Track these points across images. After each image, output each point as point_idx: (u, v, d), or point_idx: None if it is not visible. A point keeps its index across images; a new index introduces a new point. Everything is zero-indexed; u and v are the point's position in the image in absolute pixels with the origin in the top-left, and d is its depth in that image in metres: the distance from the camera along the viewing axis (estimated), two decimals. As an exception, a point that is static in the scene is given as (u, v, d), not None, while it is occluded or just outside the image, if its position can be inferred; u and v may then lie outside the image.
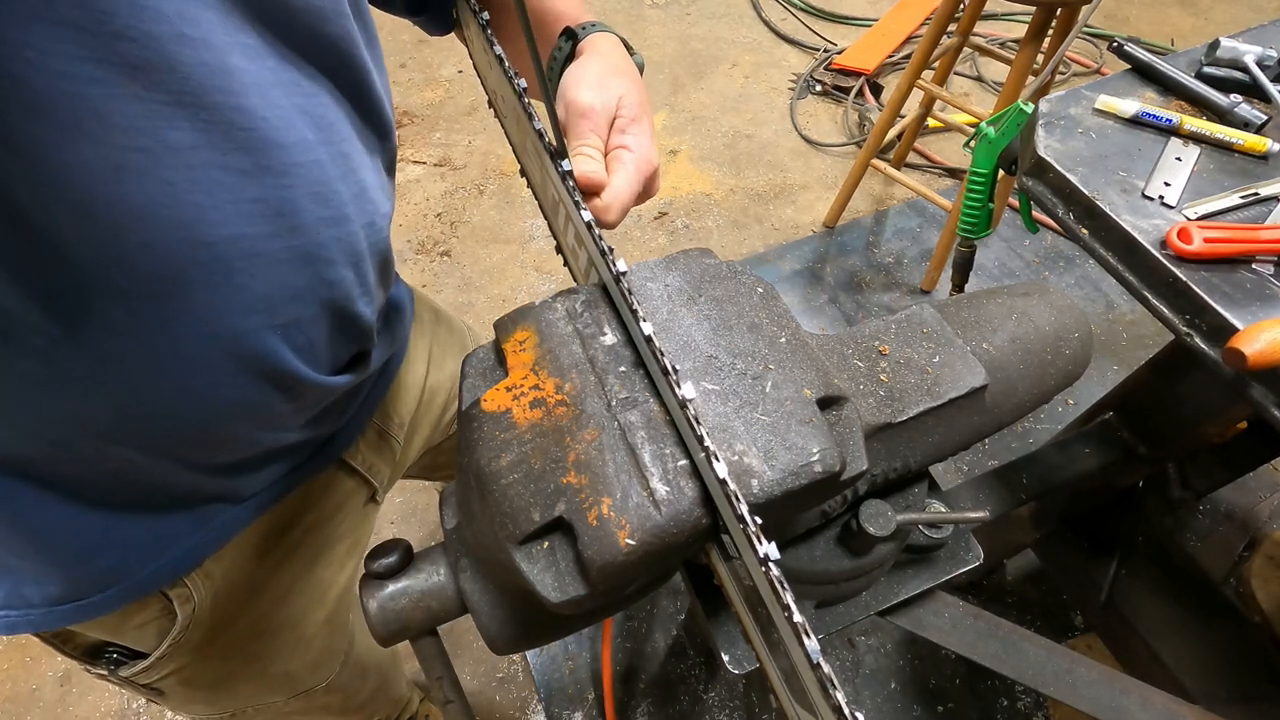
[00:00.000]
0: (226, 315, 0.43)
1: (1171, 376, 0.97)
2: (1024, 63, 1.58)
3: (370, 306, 0.55)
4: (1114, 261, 0.73)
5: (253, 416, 0.50)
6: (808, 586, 0.58)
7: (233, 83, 0.38)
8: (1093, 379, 1.74)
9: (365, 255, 0.52)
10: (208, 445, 0.50)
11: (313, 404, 0.56)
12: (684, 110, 2.51)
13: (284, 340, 0.47)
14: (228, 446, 0.52)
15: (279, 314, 0.46)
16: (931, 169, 2.31)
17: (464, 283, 2.05)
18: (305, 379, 0.51)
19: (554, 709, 1.38)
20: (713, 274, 0.49)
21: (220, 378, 0.45)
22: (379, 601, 0.48)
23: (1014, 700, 1.37)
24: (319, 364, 0.53)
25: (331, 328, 0.52)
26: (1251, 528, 1.43)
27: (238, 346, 0.45)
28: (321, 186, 0.45)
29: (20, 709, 1.39)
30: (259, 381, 0.48)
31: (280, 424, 0.54)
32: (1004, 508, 0.98)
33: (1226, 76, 0.84)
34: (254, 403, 0.49)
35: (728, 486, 0.34)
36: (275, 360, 0.47)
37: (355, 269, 0.51)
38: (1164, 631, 1.09)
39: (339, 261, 0.49)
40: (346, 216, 0.48)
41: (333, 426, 0.64)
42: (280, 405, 0.51)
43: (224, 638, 0.62)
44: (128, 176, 0.36)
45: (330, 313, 0.50)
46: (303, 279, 0.46)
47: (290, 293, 0.46)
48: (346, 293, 0.51)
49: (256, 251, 0.42)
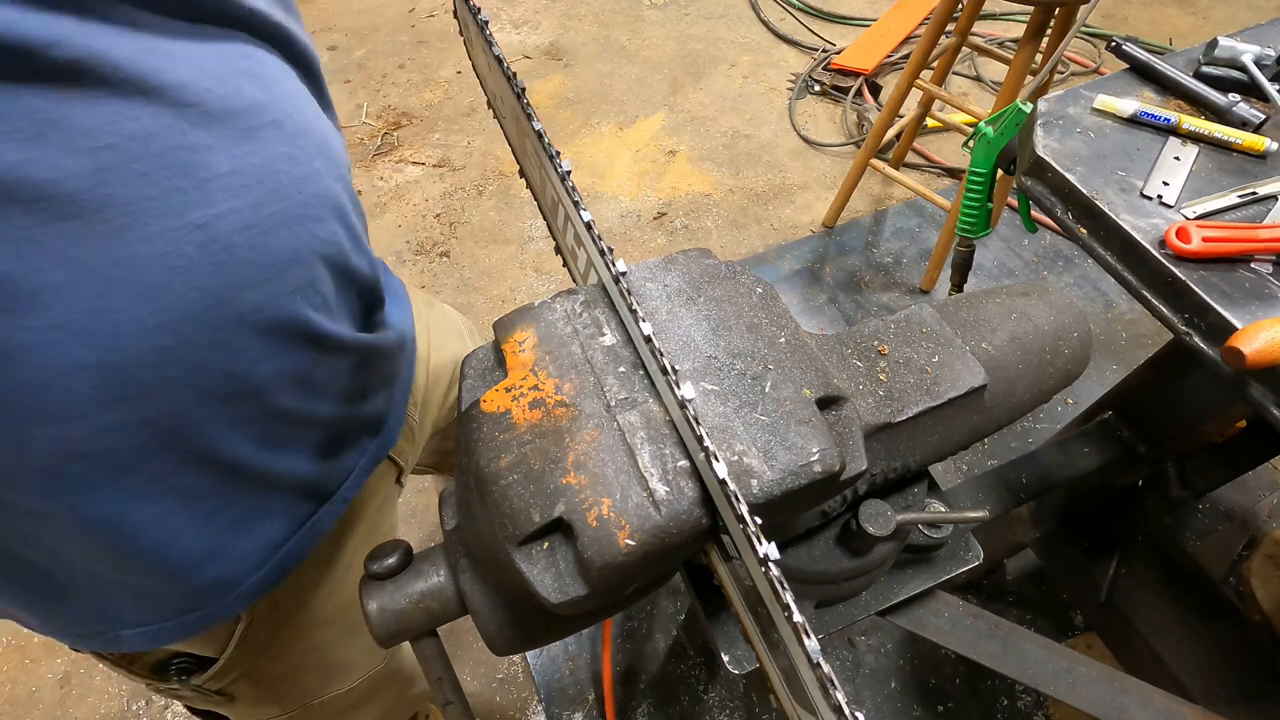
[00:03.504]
0: (243, 291, 0.43)
1: (1171, 376, 0.97)
2: (1022, 62, 1.58)
3: (364, 259, 0.56)
4: (1113, 261, 0.73)
5: (300, 383, 0.51)
6: (808, 586, 0.58)
7: (165, 60, 0.38)
8: (1092, 378, 1.74)
9: (345, 206, 0.52)
10: (273, 421, 0.51)
11: (350, 364, 0.56)
12: (683, 110, 2.51)
13: (303, 301, 0.48)
14: (289, 420, 0.52)
15: (288, 279, 0.46)
16: (930, 169, 2.31)
17: (463, 283, 2.05)
18: (334, 335, 0.52)
19: (554, 710, 1.38)
20: (712, 274, 0.49)
21: (258, 349, 0.46)
22: (379, 602, 0.48)
23: (1014, 700, 1.37)
24: (340, 319, 0.54)
25: (337, 284, 0.52)
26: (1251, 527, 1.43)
27: (262, 319, 0.45)
28: (287, 145, 0.46)
29: (20, 710, 1.39)
30: (295, 347, 0.48)
31: (329, 389, 0.55)
32: (1004, 507, 0.98)
33: (1225, 76, 0.84)
34: (295, 366, 0.49)
35: (727, 487, 0.34)
36: (302, 323, 0.48)
37: (341, 221, 0.51)
38: (1164, 631, 1.09)
39: (325, 217, 0.49)
40: (318, 171, 0.48)
41: (383, 407, 0.65)
42: (322, 367, 0.52)
43: (286, 632, 0.63)
44: (107, 177, 0.36)
45: (331, 269, 0.51)
46: (299, 240, 0.47)
47: (291, 255, 0.46)
48: (339, 247, 0.51)
49: (249, 223, 0.43)
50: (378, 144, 2.39)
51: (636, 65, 2.67)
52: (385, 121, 2.47)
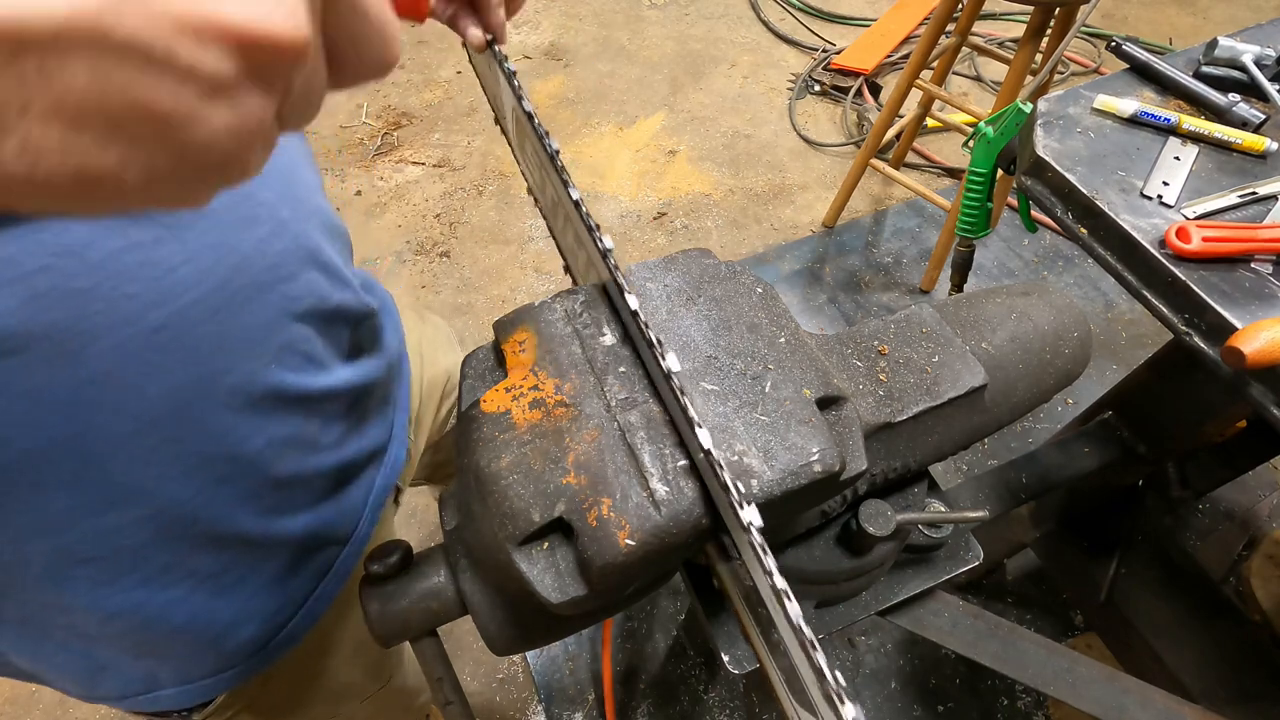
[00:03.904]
0: (218, 377, 0.42)
1: (1171, 376, 0.97)
2: (1022, 62, 1.58)
3: (348, 291, 0.54)
4: (1113, 261, 0.73)
5: (295, 444, 0.50)
6: (808, 586, 0.58)
7: None
8: (1092, 378, 1.74)
9: (319, 246, 0.50)
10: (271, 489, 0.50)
11: (342, 407, 0.55)
12: (683, 110, 2.51)
13: (283, 367, 0.47)
14: (291, 484, 0.52)
15: (264, 350, 0.45)
16: (930, 169, 2.31)
17: (463, 283, 2.05)
18: (321, 388, 0.51)
19: (554, 710, 1.38)
20: (712, 274, 0.49)
21: (250, 425, 0.45)
22: (379, 602, 0.48)
23: (1014, 700, 1.36)
24: (327, 366, 0.52)
25: (320, 330, 0.51)
26: (1251, 527, 1.43)
27: (243, 397, 0.44)
28: (245, 206, 0.43)
29: (20, 710, 1.39)
30: (283, 412, 0.47)
31: (325, 439, 0.54)
32: (1004, 507, 0.98)
33: (1225, 76, 0.84)
34: (289, 433, 0.49)
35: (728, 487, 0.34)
36: (285, 389, 0.47)
37: (316, 264, 0.49)
38: (1164, 631, 1.09)
39: (297, 271, 0.47)
40: (283, 223, 0.46)
41: (383, 434, 0.64)
42: (314, 421, 0.51)
43: (287, 662, 0.62)
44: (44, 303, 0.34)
45: (312, 319, 0.49)
46: (269, 309, 0.45)
47: (264, 326, 0.44)
48: (318, 293, 0.49)
49: (213, 309, 0.41)
50: (378, 144, 2.39)
51: (636, 65, 2.67)
52: (385, 121, 2.47)
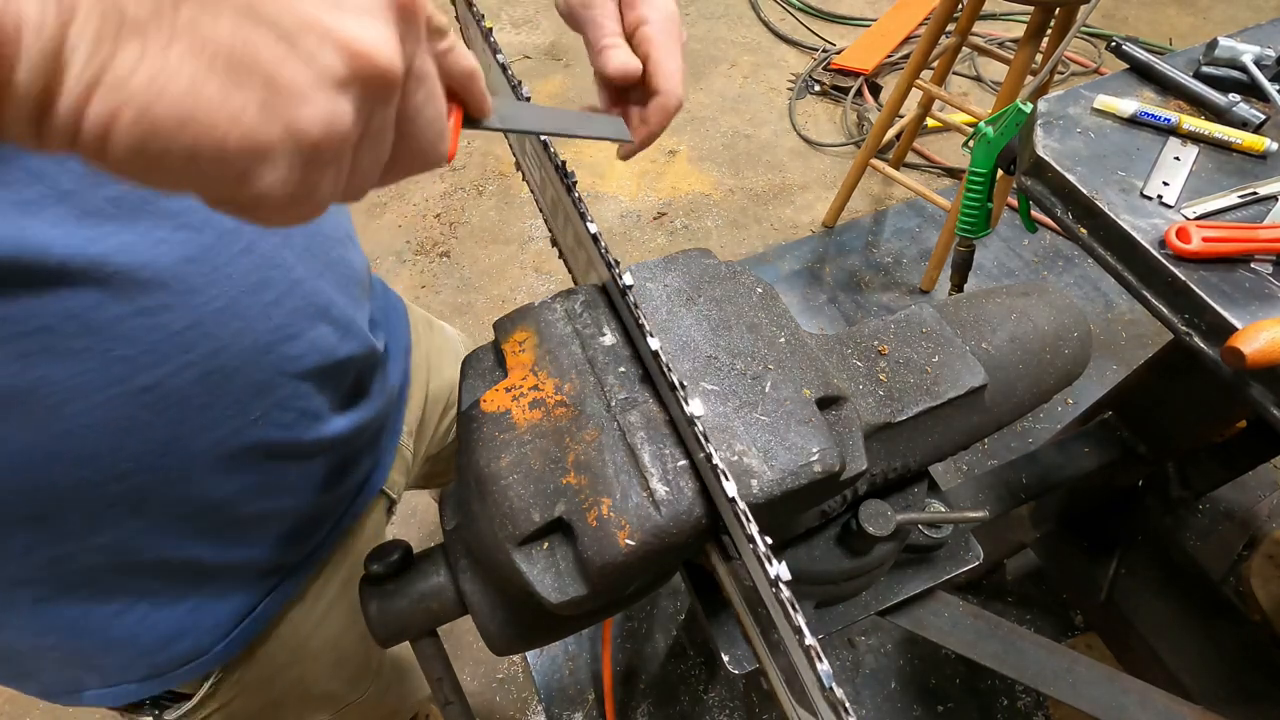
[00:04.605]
0: (200, 434, 0.42)
1: (1171, 376, 0.97)
2: (1022, 62, 1.58)
3: (356, 339, 0.54)
4: (1113, 261, 0.73)
5: (266, 490, 0.50)
6: (808, 586, 0.58)
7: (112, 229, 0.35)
8: (1092, 378, 1.74)
9: (333, 299, 0.50)
10: (239, 524, 0.50)
11: (325, 460, 0.55)
12: (683, 110, 2.50)
13: (269, 424, 0.46)
14: (253, 522, 0.52)
15: (252, 410, 0.44)
16: (930, 169, 2.31)
17: (463, 283, 2.05)
18: (307, 442, 0.51)
19: (554, 710, 1.37)
20: (712, 274, 0.49)
21: (221, 481, 0.45)
22: (379, 602, 0.48)
23: (1014, 700, 1.36)
24: (319, 417, 0.52)
25: (319, 382, 0.50)
26: (1251, 527, 1.43)
27: (222, 451, 0.44)
28: (258, 273, 0.42)
29: (20, 710, 1.39)
30: (261, 464, 0.47)
31: (300, 485, 0.54)
32: (1004, 507, 0.98)
33: (1225, 76, 0.84)
34: (262, 481, 0.49)
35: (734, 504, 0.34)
36: (269, 445, 0.47)
37: (325, 319, 0.49)
38: (1164, 631, 1.09)
39: (304, 330, 0.46)
40: (297, 282, 0.45)
41: (371, 459, 0.64)
42: (292, 473, 0.51)
43: (265, 669, 0.62)
44: (37, 360, 0.34)
45: (312, 378, 0.49)
46: (266, 370, 0.44)
47: (257, 389, 0.44)
48: (322, 349, 0.49)
49: (207, 372, 0.40)
50: (378, 144, 2.39)
51: (636, 65, 2.67)
52: (385, 121, 2.47)
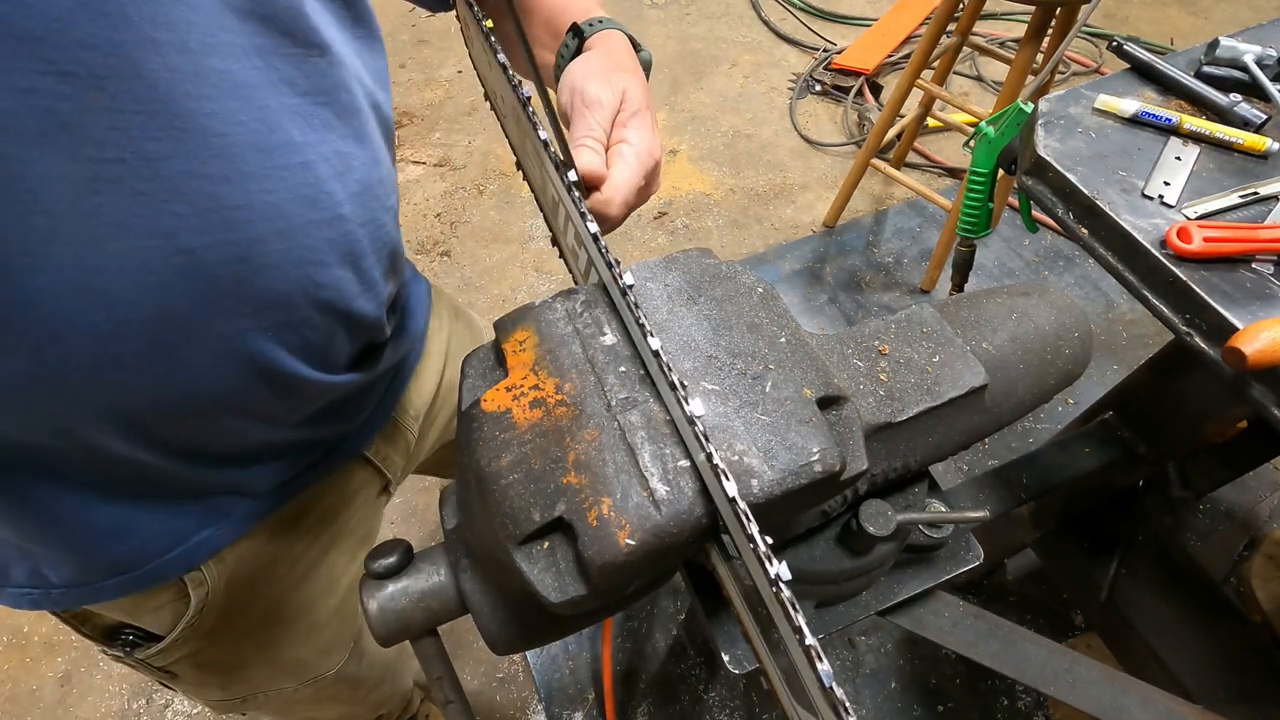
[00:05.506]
0: (213, 320, 0.43)
1: (1171, 376, 0.97)
2: (1023, 62, 1.58)
3: (374, 302, 0.55)
4: (1114, 261, 0.73)
5: (244, 410, 0.50)
6: (808, 586, 0.58)
7: (207, 87, 0.37)
8: (1092, 378, 1.74)
9: (366, 252, 0.51)
10: (200, 436, 0.50)
11: (312, 401, 0.56)
12: (684, 110, 2.51)
13: (275, 341, 0.47)
14: (221, 438, 0.52)
15: (266, 317, 0.45)
16: (931, 169, 2.31)
17: (464, 283, 2.05)
18: (303, 378, 0.51)
19: (554, 709, 1.38)
20: (712, 274, 0.49)
21: (209, 375, 0.45)
22: (379, 602, 0.48)
23: (1014, 700, 1.37)
24: (320, 362, 0.52)
25: (330, 326, 0.51)
26: (1251, 527, 1.44)
27: (225, 348, 0.44)
28: (311, 189, 0.44)
29: (21, 709, 1.39)
30: (251, 380, 0.48)
31: (275, 419, 0.54)
32: (1004, 507, 0.98)
33: (1226, 76, 0.84)
34: (245, 398, 0.49)
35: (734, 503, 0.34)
36: (267, 360, 0.47)
37: (354, 267, 0.50)
38: (1164, 631, 1.09)
39: (332, 263, 0.48)
40: (341, 217, 0.47)
41: (346, 425, 0.64)
42: (273, 402, 0.51)
43: (237, 623, 0.63)
44: (103, 187, 0.35)
45: (327, 313, 0.50)
46: (291, 282, 0.45)
47: (278, 296, 0.45)
48: (343, 292, 0.50)
49: (240, 257, 0.42)
50: (378, 143, 2.40)
51: (637, 65, 2.67)
52: (386, 121, 2.48)
